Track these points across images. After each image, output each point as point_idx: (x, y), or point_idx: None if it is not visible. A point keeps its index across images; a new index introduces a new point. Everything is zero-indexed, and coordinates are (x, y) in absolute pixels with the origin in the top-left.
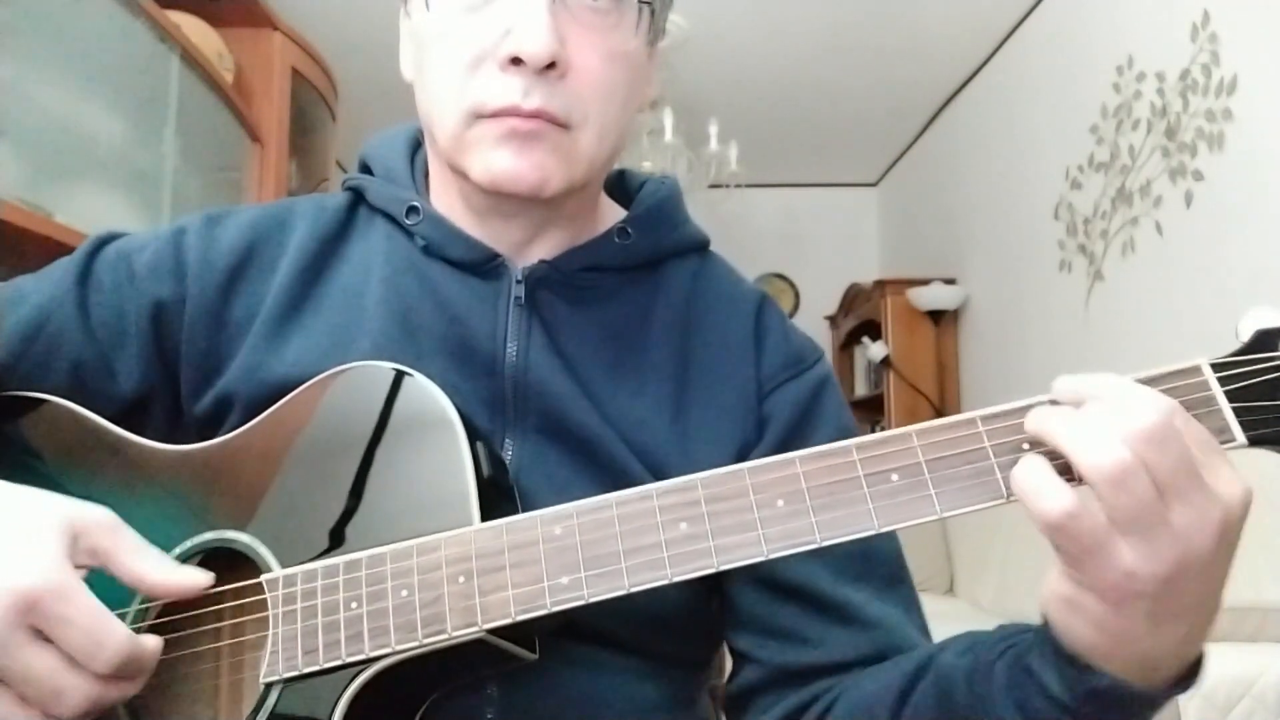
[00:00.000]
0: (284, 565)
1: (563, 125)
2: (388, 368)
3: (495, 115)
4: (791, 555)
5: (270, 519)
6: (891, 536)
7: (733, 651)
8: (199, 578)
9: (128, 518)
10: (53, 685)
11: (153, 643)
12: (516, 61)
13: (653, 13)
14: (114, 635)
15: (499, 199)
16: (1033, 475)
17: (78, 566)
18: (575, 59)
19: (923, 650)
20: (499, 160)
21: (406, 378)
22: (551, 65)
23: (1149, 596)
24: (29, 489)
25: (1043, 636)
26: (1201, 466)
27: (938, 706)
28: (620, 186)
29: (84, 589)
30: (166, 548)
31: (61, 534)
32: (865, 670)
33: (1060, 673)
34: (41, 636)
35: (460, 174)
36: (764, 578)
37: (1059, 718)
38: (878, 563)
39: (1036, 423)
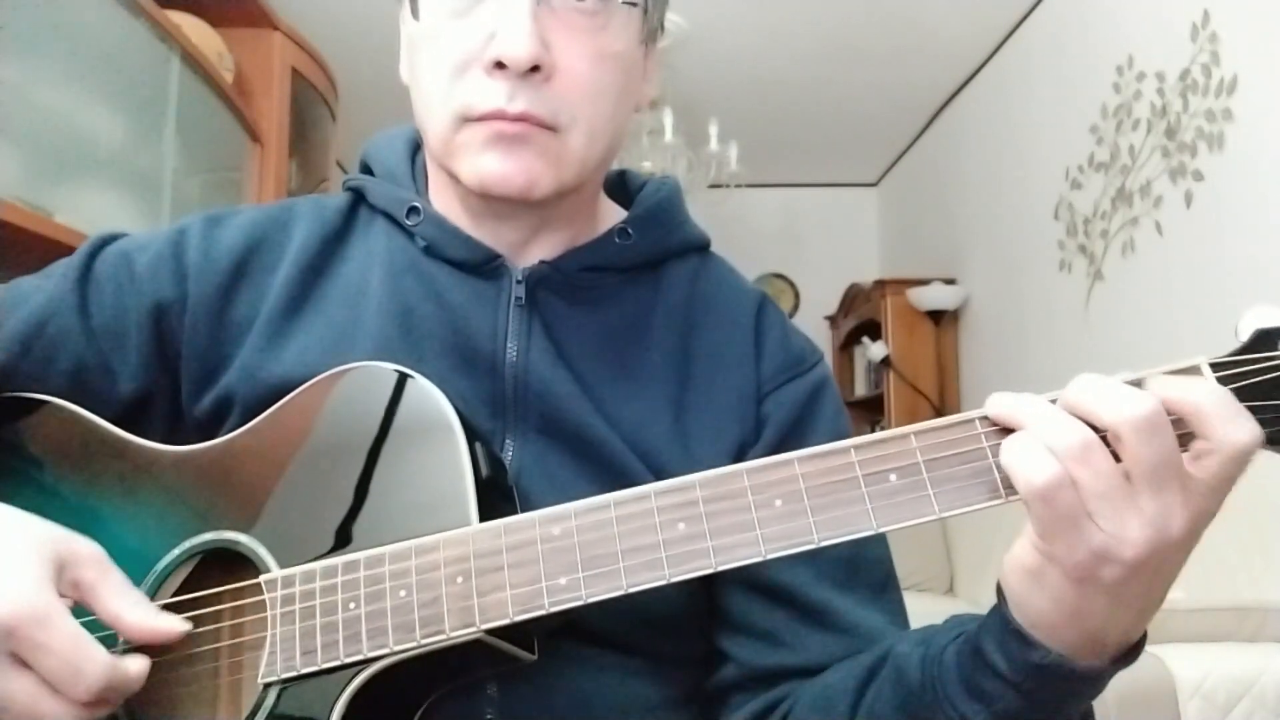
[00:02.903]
0: (283, 566)
1: (550, 128)
2: (388, 368)
3: (481, 119)
4: (789, 556)
5: (269, 520)
6: (881, 543)
7: (715, 650)
8: (175, 625)
9: (128, 519)
10: (32, 712)
11: (135, 666)
12: (500, 65)
13: (644, 13)
14: (93, 661)
15: (491, 201)
16: (1021, 444)
17: (59, 597)
18: (561, 61)
19: (882, 644)
20: (486, 163)
21: (407, 379)
22: (536, 69)
23: (1111, 578)
24: (20, 512)
25: (992, 616)
26: (1188, 463)
27: (894, 693)
28: (621, 187)
29: (65, 615)
30: (166, 548)
31: (47, 561)
32: (829, 667)
33: (1006, 648)
34: (21, 662)
35: (453, 177)
36: (750, 579)
37: (1004, 693)
38: (866, 568)
39: (997, 409)
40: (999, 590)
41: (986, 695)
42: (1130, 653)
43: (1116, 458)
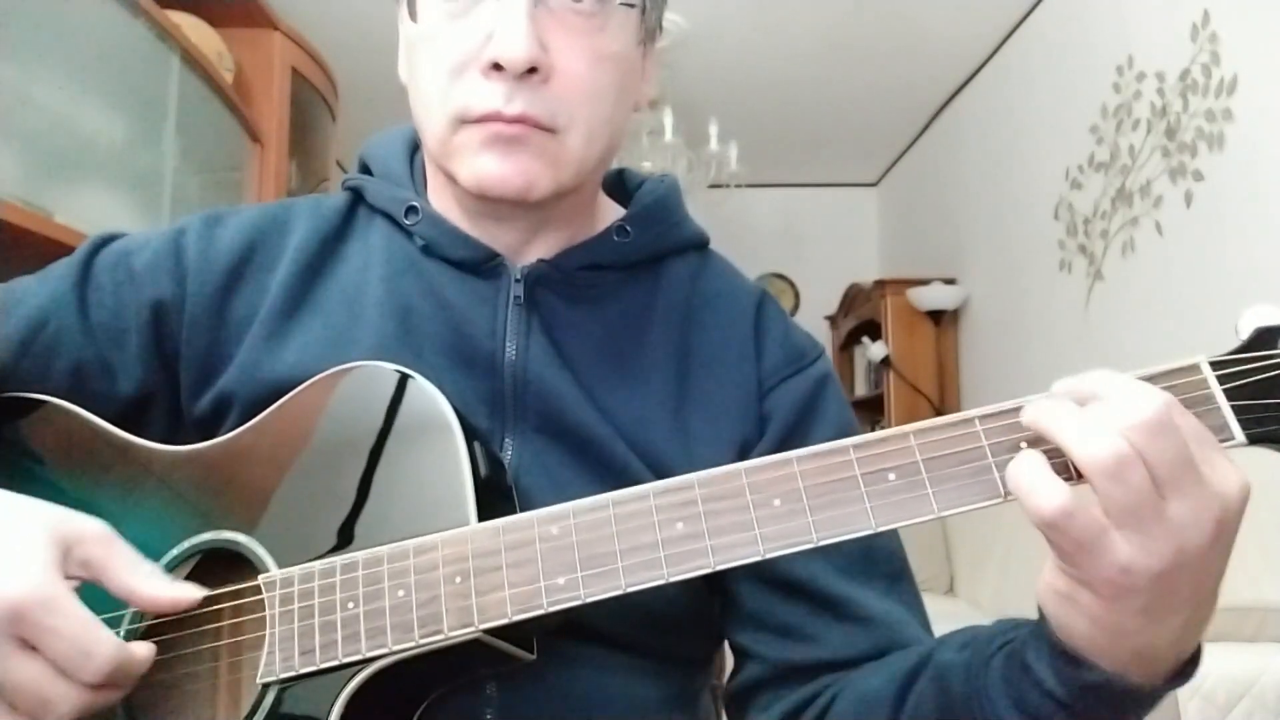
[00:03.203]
0: (281, 566)
1: (547, 129)
2: (388, 368)
3: (479, 120)
4: (788, 555)
5: (268, 520)
6: (893, 534)
7: (734, 648)
8: (190, 593)
9: (128, 518)
10: (40, 695)
11: (143, 651)
12: (498, 67)
13: (642, 13)
14: (102, 645)
15: (490, 202)
16: (1028, 471)
17: (69, 577)
18: (559, 62)
19: (923, 646)
20: (484, 165)
21: (405, 379)
22: (533, 70)
23: (1144, 591)
24: (23, 498)
25: (1038, 631)
26: (1198, 460)
27: (936, 703)
28: (620, 186)
29: (72, 599)
30: (166, 548)
31: (52, 544)
32: (865, 666)
33: (1055, 668)
34: (29, 646)
35: (450, 177)
36: (766, 575)
37: (1055, 712)
38: (880, 560)
39: (1033, 416)
40: (1040, 609)
41: (1036, 713)
42: (1186, 667)
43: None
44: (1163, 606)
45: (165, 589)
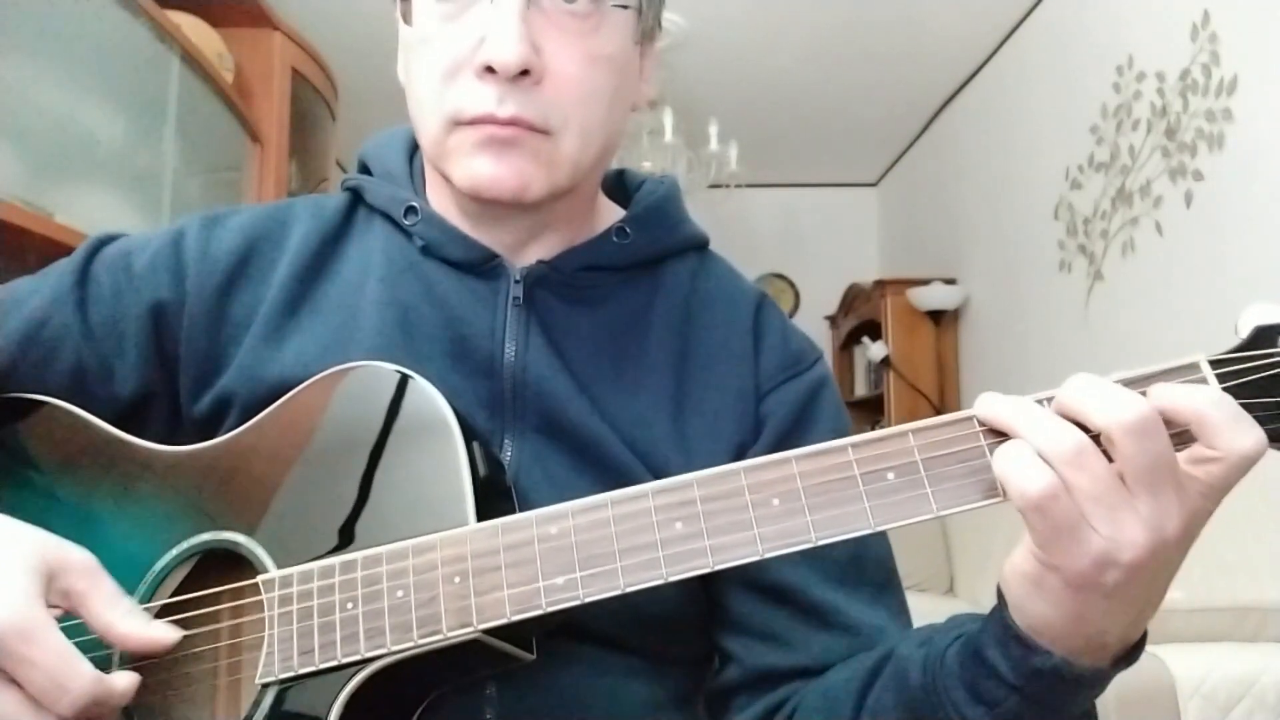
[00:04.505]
0: (280, 566)
1: (541, 131)
2: (388, 369)
3: (472, 123)
4: (787, 555)
5: (267, 520)
6: (883, 541)
7: (718, 652)
8: (166, 634)
9: (127, 519)
10: None
11: (122, 683)
12: (490, 70)
13: (638, 14)
14: (79, 678)
15: (487, 204)
16: (1015, 456)
17: (51, 606)
18: (552, 64)
19: (885, 644)
20: (478, 167)
21: (405, 379)
22: (525, 73)
23: (1111, 582)
24: (10, 521)
25: (994, 617)
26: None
27: (896, 694)
28: (619, 186)
29: (51, 629)
30: (164, 549)
31: (35, 573)
32: (832, 666)
33: (1008, 652)
34: (7, 678)
35: (447, 179)
36: (751, 580)
37: (1006, 696)
38: (867, 568)
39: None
40: (999, 593)
41: (989, 698)
42: (1131, 652)
43: (1110, 459)
44: (1124, 598)
45: (141, 628)
